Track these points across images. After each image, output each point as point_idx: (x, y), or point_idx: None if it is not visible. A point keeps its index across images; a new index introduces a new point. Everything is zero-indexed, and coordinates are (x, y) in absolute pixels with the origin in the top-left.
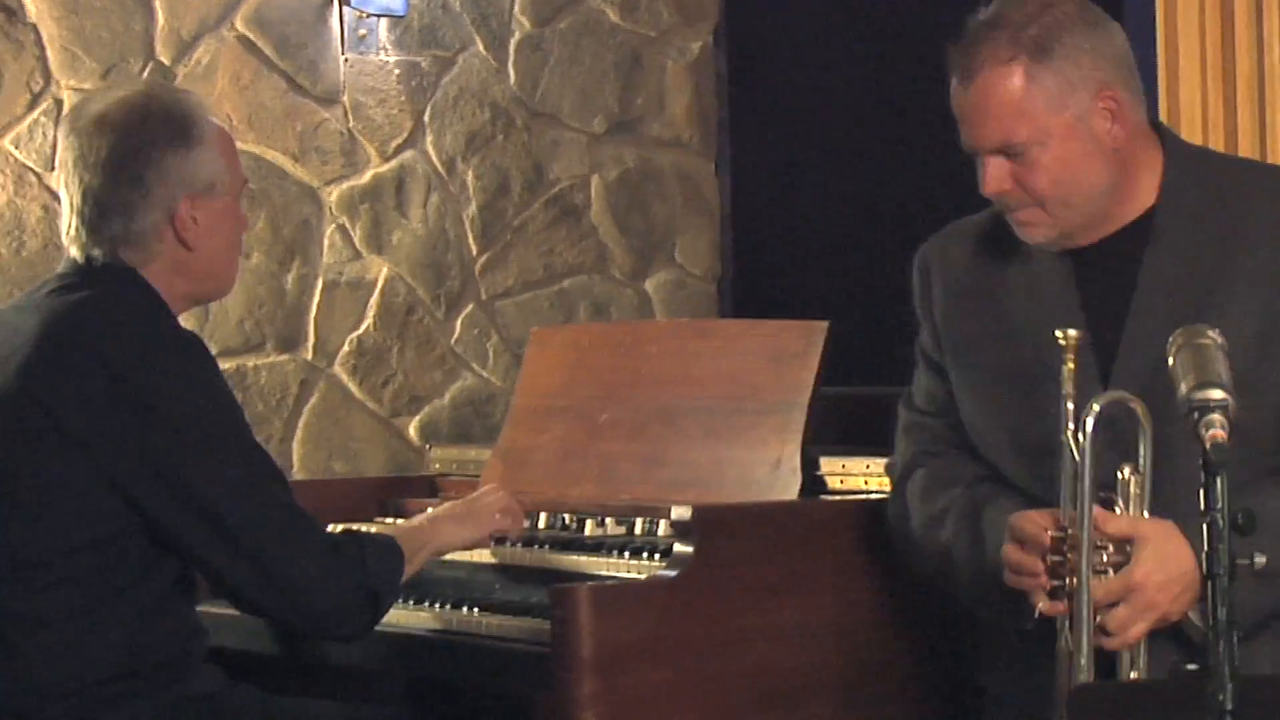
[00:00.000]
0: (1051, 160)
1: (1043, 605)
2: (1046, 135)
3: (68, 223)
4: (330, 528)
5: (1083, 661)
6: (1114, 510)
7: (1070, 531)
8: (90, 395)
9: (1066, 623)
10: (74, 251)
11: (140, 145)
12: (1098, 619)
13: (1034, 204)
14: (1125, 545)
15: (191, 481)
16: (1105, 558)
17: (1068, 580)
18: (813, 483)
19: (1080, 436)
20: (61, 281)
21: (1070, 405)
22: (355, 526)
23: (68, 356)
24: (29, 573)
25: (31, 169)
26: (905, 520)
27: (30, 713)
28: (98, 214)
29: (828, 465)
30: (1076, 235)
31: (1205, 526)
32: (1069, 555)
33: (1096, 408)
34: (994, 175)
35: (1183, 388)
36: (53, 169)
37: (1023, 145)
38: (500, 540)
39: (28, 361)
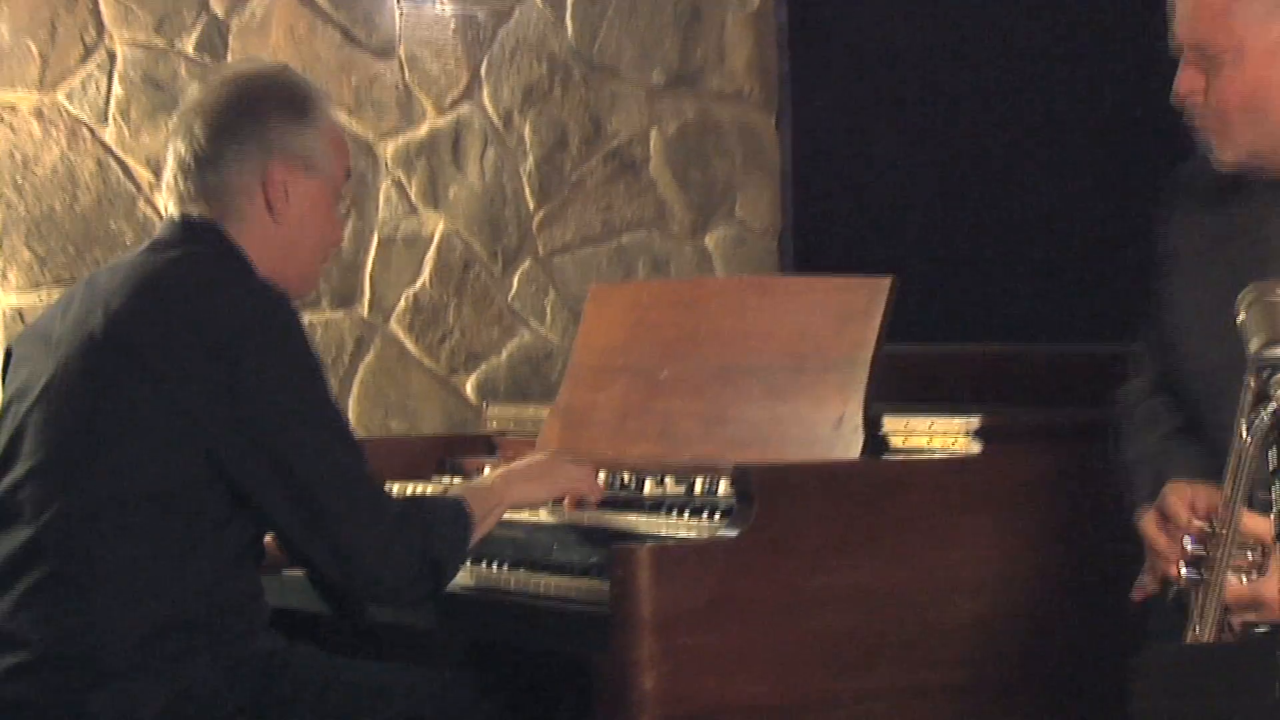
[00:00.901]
0: (1245, 79)
1: (1148, 584)
2: (1243, 50)
3: (168, 178)
4: (391, 489)
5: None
6: (1272, 510)
7: (1216, 526)
8: (179, 344)
9: (1197, 613)
10: (171, 208)
11: (253, 104)
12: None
13: (1217, 118)
14: (1266, 549)
15: (271, 438)
16: (1250, 557)
17: (1204, 570)
18: (875, 442)
19: (1247, 430)
20: (154, 243)
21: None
22: (422, 489)
23: (158, 305)
24: (106, 516)
25: (85, 123)
26: (1115, 454)
27: (90, 658)
28: (196, 165)
29: (891, 424)
30: (1269, 163)
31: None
32: (1211, 546)
33: (1273, 407)
34: (1184, 78)
35: (1253, 344)
36: (106, 122)
37: (1217, 53)
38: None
39: (118, 310)
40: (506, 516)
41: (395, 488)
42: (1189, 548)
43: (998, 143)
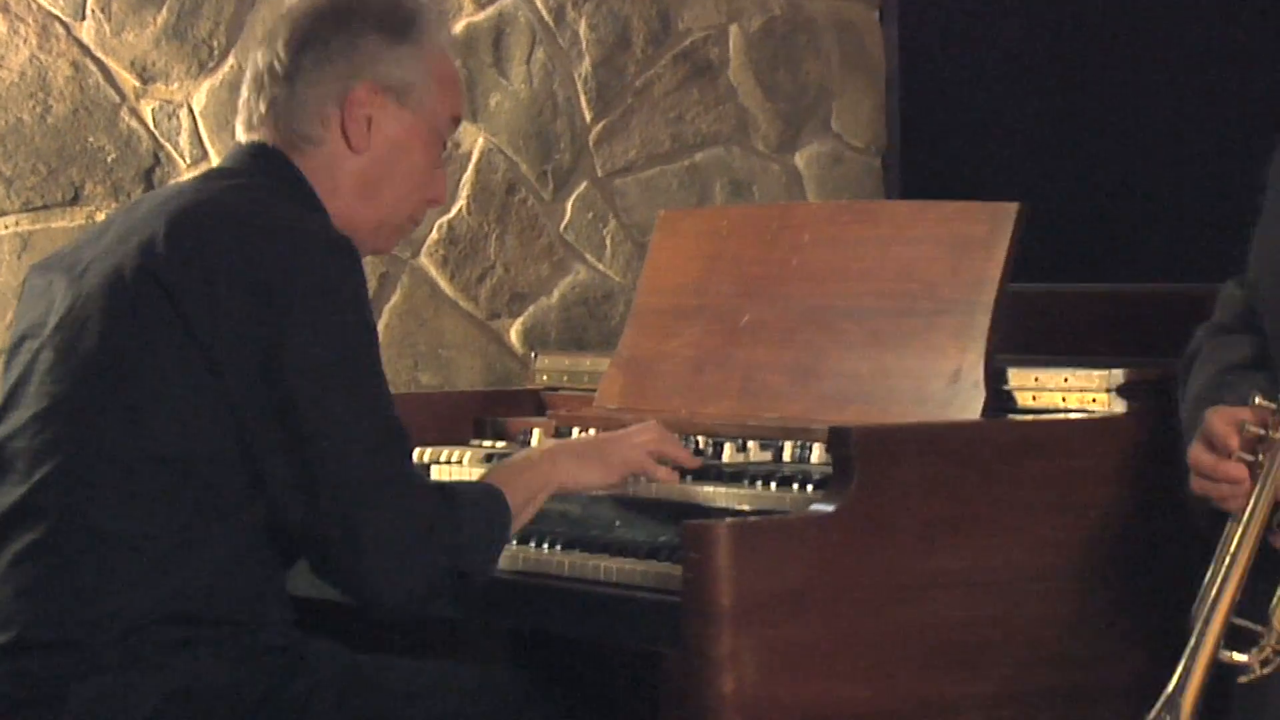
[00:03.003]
0: None
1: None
2: None
3: (243, 96)
4: (423, 457)
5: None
6: None
7: (1268, 431)
8: (217, 288)
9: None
10: (240, 131)
11: (347, 16)
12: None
13: None
14: None
15: (300, 404)
16: None
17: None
18: (998, 399)
19: None
20: (213, 170)
21: None
22: (458, 456)
23: (199, 241)
24: (109, 479)
25: (58, 17)
26: (1180, 395)
27: (77, 643)
28: (271, 81)
29: (1017, 378)
30: None
31: None
32: (1262, 457)
33: None
34: None
35: None
36: (82, 17)
37: None
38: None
39: (153, 238)
40: None
41: (427, 455)
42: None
43: (1146, 47)
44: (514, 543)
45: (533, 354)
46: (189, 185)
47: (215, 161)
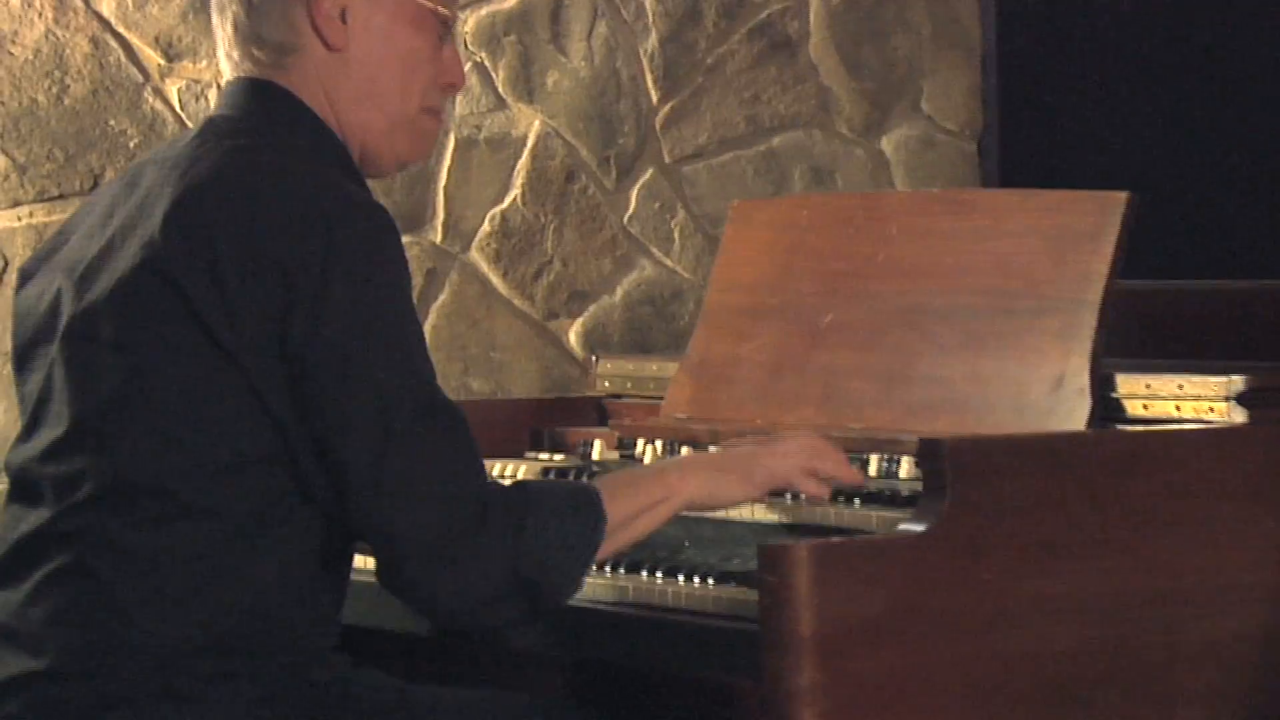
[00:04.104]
0: None
1: None
2: None
3: (222, 46)
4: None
5: None
6: None
7: None
8: (229, 275)
9: None
10: (227, 71)
11: None
12: None
13: None
14: None
15: (330, 392)
16: None
17: None
18: (1106, 407)
19: None
20: (209, 124)
21: None
22: (512, 470)
23: (206, 225)
24: (150, 500)
25: None
26: None
27: (104, 673)
28: (247, 17)
29: (1126, 384)
30: None
31: None
32: None
33: None
34: None
35: None
36: None
37: None
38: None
39: (153, 233)
40: None
41: (509, 469)
42: None
43: (1273, 16)
44: None
45: (594, 358)
46: (188, 153)
47: None
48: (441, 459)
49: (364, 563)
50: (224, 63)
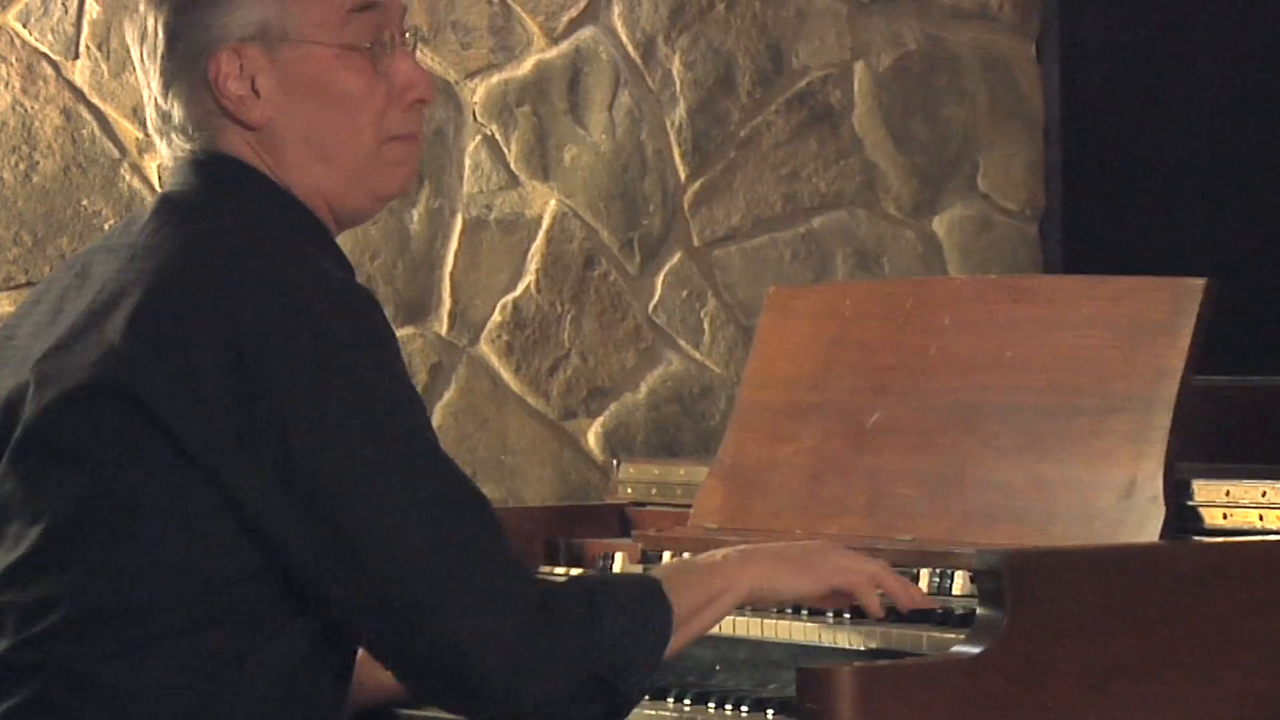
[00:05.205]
0: None
1: None
2: None
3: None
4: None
5: None
6: None
7: None
8: (208, 381)
9: None
10: (162, 148)
11: None
12: None
13: None
14: None
15: (329, 494)
16: None
17: None
18: (1182, 517)
19: None
20: (163, 204)
21: None
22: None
23: (176, 322)
24: (110, 627)
25: (46, 55)
26: None
27: None
28: (150, 88)
29: (1205, 491)
30: None
31: None
32: None
33: None
34: None
35: None
36: (76, 56)
37: None
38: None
39: (113, 339)
40: None
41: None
42: None
43: None
44: None
45: (615, 462)
46: (146, 240)
47: None
48: (492, 556)
49: None
50: (159, 145)
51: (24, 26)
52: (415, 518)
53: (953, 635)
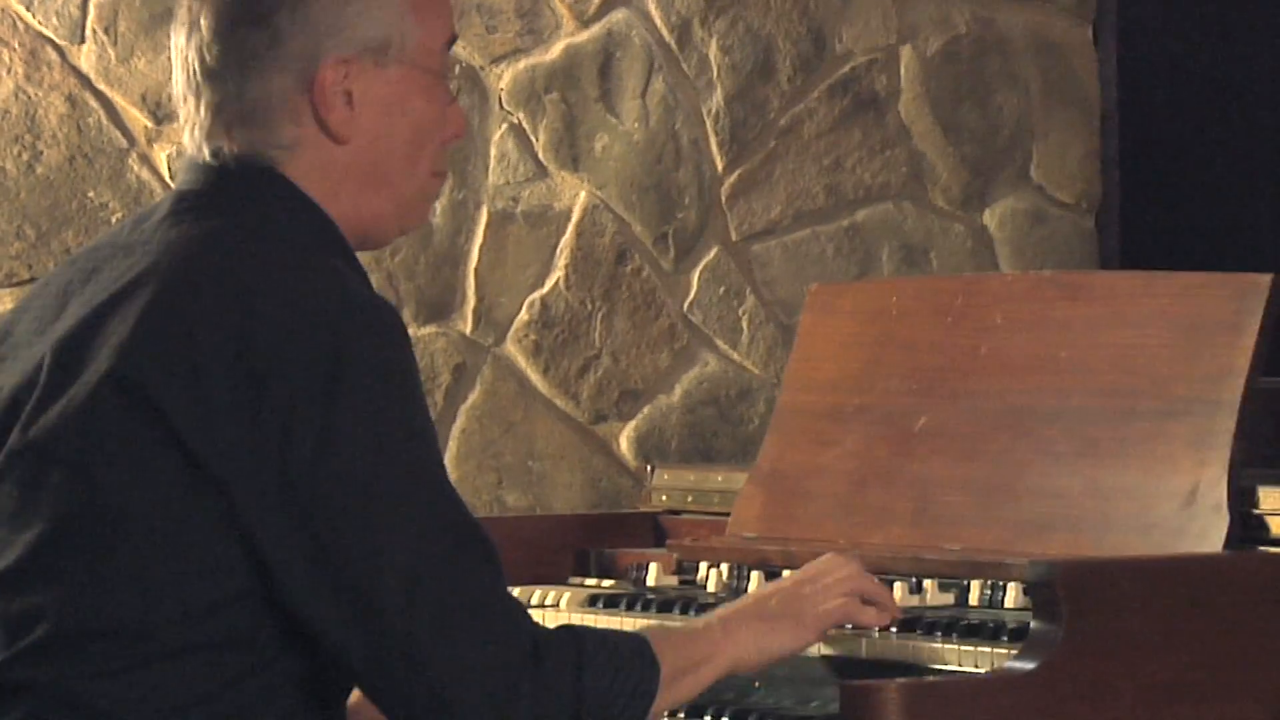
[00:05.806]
0: None
1: None
2: None
3: (177, 93)
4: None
5: None
6: None
7: None
8: (217, 384)
9: None
10: (192, 147)
11: None
12: None
13: None
14: None
15: (333, 523)
16: None
17: None
18: (1247, 526)
19: None
20: (179, 201)
21: None
22: (554, 596)
23: (189, 320)
24: (103, 644)
25: (51, 40)
26: None
27: None
28: (207, 77)
29: (1271, 499)
30: None
31: None
32: None
33: None
34: None
35: None
36: (82, 40)
37: None
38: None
39: (124, 336)
40: None
41: (515, 594)
42: None
43: None
44: None
45: (649, 467)
46: (159, 237)
47: None
48: (488, 594)
49: None
50: (191, 135)
51: (27, 9)
52: (408, 547)
53: (1004, 650)
